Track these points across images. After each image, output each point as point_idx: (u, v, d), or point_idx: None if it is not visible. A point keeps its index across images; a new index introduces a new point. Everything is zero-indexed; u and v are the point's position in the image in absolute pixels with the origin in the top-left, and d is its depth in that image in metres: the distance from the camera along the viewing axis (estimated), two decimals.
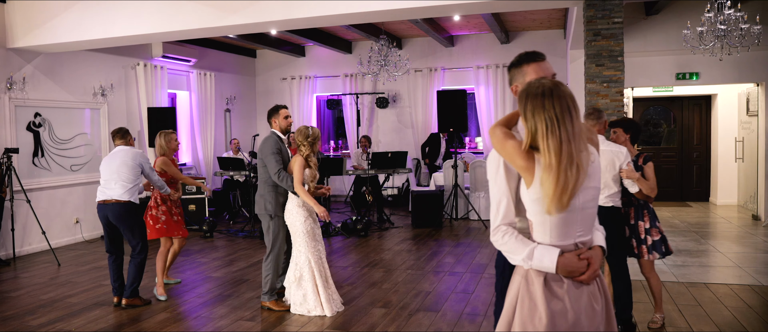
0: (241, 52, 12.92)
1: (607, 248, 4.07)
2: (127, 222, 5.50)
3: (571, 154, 2.05)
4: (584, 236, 2.23)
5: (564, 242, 2.19)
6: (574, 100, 2.12)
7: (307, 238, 5.11)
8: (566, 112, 2.06)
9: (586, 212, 2.20)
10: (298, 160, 5.09)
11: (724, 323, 4.84)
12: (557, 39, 11.67)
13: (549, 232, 2.17)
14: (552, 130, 2.05)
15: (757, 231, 8.75)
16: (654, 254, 4.60)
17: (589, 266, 2.17)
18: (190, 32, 7.36)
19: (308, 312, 5.15)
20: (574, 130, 2.06)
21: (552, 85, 2.11)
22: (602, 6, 5.90)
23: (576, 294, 2.17)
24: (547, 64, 2.38)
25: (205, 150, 11.73)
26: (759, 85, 9.59)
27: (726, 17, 6.91)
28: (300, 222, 5.11)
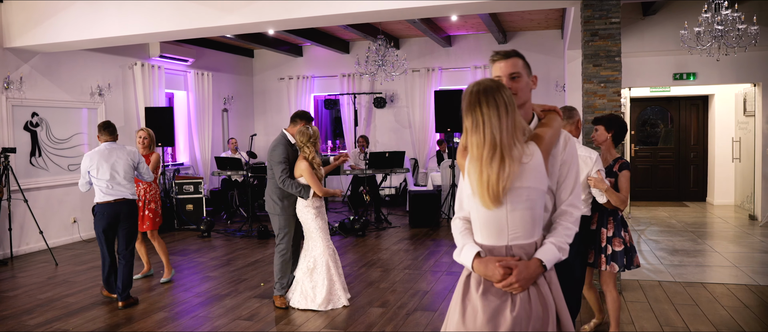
0: (238, 52, 12.91)
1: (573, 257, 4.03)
2: (135, 219, 5.79)
3: (494, 149, 2.06)
4: (522, 240, 2.17)
5: (493, 243, 2.18)
6: (510, 99, 2.12)
7: (321, 233, 5.32)
8: (494, 110, 2.08)
9: (518, 213, 2.13)
10: (304, 165, 5.21)
11: (720, 322, 4.85)
12: (555, 39, 11.68)
13: (479, 230, 2.22)
14: (476, 126, 2.10)
15: (753, 231, 8.77)
16: (613, 265, 4.15)
17: (508, 274, 2.11)
18: (188, 32, 7.36)
19: (323, 308, 5.26)
20: (501, 128, 2.07)
21: (488, 84, 2.13)
22: (600, 6, 5.91)
23: (495, 299, 2.15)
24: (505, 63, 2.36)
25: (202, 149, 11.72)
26: (756, 86, 9.61)
27: (723, 18, 6.93)
28: (311, 219, 5.30)
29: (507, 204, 2.12)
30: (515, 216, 2.14)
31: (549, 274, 2.23)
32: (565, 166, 2.33)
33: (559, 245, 2.22)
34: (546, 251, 2.19)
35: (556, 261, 2.20)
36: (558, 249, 2.21)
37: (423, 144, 12.43)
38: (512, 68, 2.35)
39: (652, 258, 7.10)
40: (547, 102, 11.30)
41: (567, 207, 2.31)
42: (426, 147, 12.44)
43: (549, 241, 2.21)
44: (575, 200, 2.33)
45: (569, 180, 2.33)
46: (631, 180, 4.23)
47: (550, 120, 2.35)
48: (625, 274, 6.25)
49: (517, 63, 2.36)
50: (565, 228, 2.27)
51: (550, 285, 2.23)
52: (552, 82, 11.55)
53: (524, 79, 2.37)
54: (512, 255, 2.17)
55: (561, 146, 2.33)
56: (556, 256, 2.20)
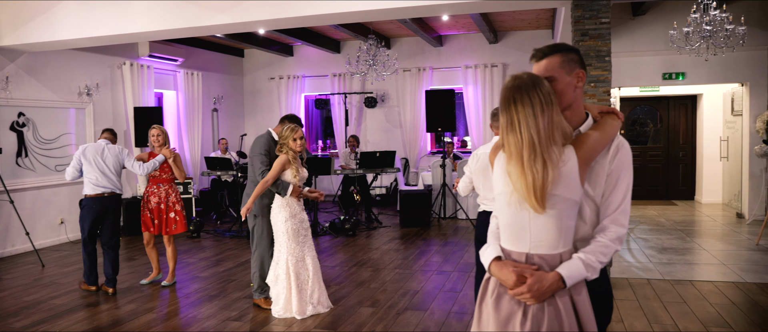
0: (228, 52, 12.86)
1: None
2: (120, 214, 6.13)
3: (534, 150, 1.96)
4: (544, 250, 2.03)
5: (514, 248, 2.08)
6: (547, 96, 1.99)
7: (286, 239, 5.05)
8: (529, 108, 1.97)
9: (541, 221, 2.01)
10: (280, 158, 5.01)
11: (708, 320, 4.88)
12: (545, 39, 11.71)
13: (502, 233, 2.13)
14: (512, 125, 2.00)
15: (741, 229, 8.83)
16: None
17: (522, 283, 2.00)
18: (177, 31, 7.32)
19: (278, 315, 5.10)
20: (538, 127, 1.96)
21: (524, 80, 2.02)
22: (590, 6, 5.93)
23: (507, 307, 2.06)
24: (538, 65, 2.17)
25: (192, 150, 11.66)
26: (743, 85, 9.69)
27: (711, 18, 6.97)
28: (281, 222, 5.06)
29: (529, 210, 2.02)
30: (538, 223, 2.02)
31: (578, 294, 2.04)
32: (612, 177, 2.09)
33: (588, 262, 2.01)
34: (570, 266, 2.00)
35: (580, 278, 2.01)
36: (585, 267, 2.00)
37: (414, 144, 12.43)
38: (544, 71, 2.13)
39: (641, 256, 7.13)
40: None
41: (609, 222, 2.07)
42: (417, 146, 12.44)
43: (577, 256, 2.02)
44: (620, 216, 2.08)
45: (617, 194, 2.09)
46: None
47: (602, 124, 2.13)
48: (614, 272, 6.27)
49: (551, 63, 2.13)
50: (601, 246, 2.04)
51: (577, 306, 2.04)
52: None
53: (562, 80, 2.12)
54: (532, 264, 2.04)
55: (610, 155, 2.10)
56: (581, 274, 2.00)
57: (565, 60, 2.13)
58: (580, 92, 2.17)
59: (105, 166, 5.96)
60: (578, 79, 2.14)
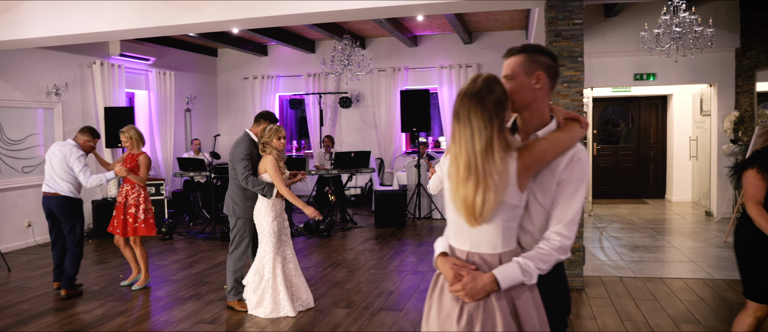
0: (201, 51, 12.72)
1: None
2: (70, 217, 5.89)
3: (468, 170, 1.98)
4: (483, 249, 2.07)
5: (457, 245, 2.13)
6: (494, 109, 1.99)
7: (273, 239, 5.07)
8: (467, 128, 2.00)
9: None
10: (270, 160, 5.01)
11: (678, 316, 4.96)
12: (520, 40, 11.80)
13: (448, 229, 2.19)
14: (454, 138, 2.05)
15: (709, 226, 9.00)
16: None
17: (459, 281, 2.03)
18: (149, 31, 7.20)
19: (260, 314, 5.10)
20: (475, 148, 1.97)
21: (477, 88, 2.02)
22: (563, 7, 5.98)
23: (448, 304, 2.10)
24: (505, 64, 2.20)
25: (164, 150, 11.50)
26: (712, 86, 9.87)
27: (681, 20, 7.08)
28: (267, 223, 5.06)
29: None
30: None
31: (519, 297, 2.06)
32: (564, 186, 2.08)
33: (525, 268, 2.02)
34: (505, 269, 2.02)
35: (515, 282, 2.02)
36: (522, 272, 2.02)
37: (389, 144, 12.43)
38: (506, 69, 2.16)
39: (613, 254, 7.22)
40: None
41: (555, 232, 2.07)
42: (392, 147, 12.44)
43: (516, 260, 2.04)
44: (567, 228, 2.07)
45: (567, 205, 2.08)
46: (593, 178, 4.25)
47: (561, 131, 2.13)
48: (587, 270, 6.34)
49: (514, 62, 2.15)
50: (543, 253, 2.05)
51: (518, 309, 2.05)
52: None
53: (519, 79, 2.13)
54: (472, 263, 2.08)
55: (564, 164, 2.09)
56: (517, 278, 2.02)
57: (528, 60, 2.13)
58: (542, 95, 2.15)
59: (51, 166, 5.87)
60: (537, 80, 2.12)
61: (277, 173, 5.00)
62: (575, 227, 2.09)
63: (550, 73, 2.15)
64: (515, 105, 2.13)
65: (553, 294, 2.20)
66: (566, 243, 2.07)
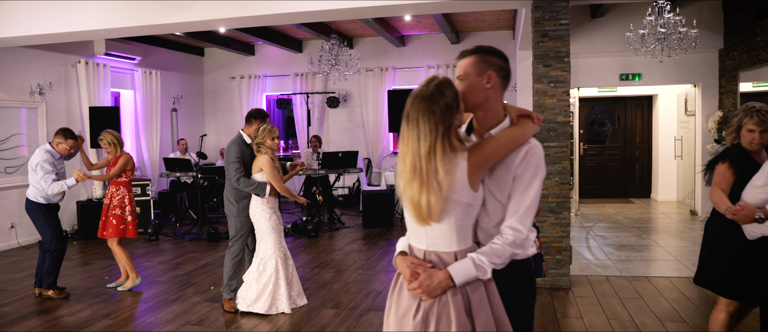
0: (188, 51, 12.64)
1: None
2: (33, 219, 5.90)
3: (413, 171, 2.02)
4: (440, 248, 2.10)
5: (415, 244, 2.17)
6: (442, 114, 2.02)
7: (274, 235, 5.16)
8: (415, 131, 2.03)
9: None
10: (265, 159, 5.05)
11: (663, 314, 5.00)
12: (507, 40, 11.84)
13: (407, 228, 2.21)
14: (402, 139, 2.08)
15: (694, 225, 9.08)
16: None
17: (416, 278, 2.07)
18: (135, 29, 7.15)
19: (257, 310, 5.12)
20: (420, 151, 2.00)
21: (428, 92, 2.07)
22: (549, 8, 6.01)
23: (406, 301, 2.12)
24: (457, 66, 2.26)
25: (150, 150, 11.42)
26: (696, 86, 9.96)
27: (666, 21, 7.14)
28: (265, 220, 5.14)
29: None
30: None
31: (474, 292, 2.07)
32: (516, 180, 2.11)
33: (479, 263, 2.05)
34: (459, 265, 2.05)
35: (470, 278, 2.04)
36: (475, 267, 2.04)
37: (376, 144, 12.43)
38: (459, 70, 2.22)
39: (600, 253, 7.27)
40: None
41: (509, 226, 2.10)
42: (379, 147, 12.44)
43: (470, 256, 2.06)
44: (520, 222, 2.09)
45: (521, 198, 2.10)
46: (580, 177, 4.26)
47: (513, 127, 2.16)
48: (574, 269, 6.38)
49: (466, 63, 2.21)
50: (496, 248, 2.07)
51: (474, 307, 2.06)
52: None
53: (471, 79, 2.18)
54: (429, 261, 2.10)
55: (518, 159, 2.12)
56: (471, 274, 2.04)
57: (479, 61, 2.19)
58: (493, 94, 2.19)
59: (29, 167, 5.86)
60: (488, 80, 2.17)
61: (273, 172, 5.04)
62: (529, 220, 2.11)
63: (500, 72, 2.20)
64: (468, 104, 2.17)
65: (508, 293, 2.19)
66: (519, 237, 2.09)
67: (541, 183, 2.14)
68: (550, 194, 5.97)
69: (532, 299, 2.33)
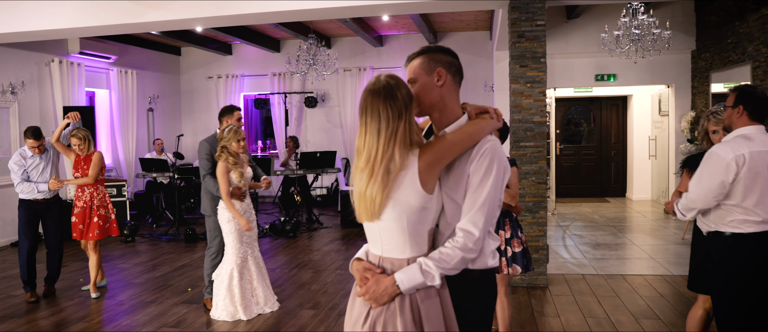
0: (164, 50, 12.51)
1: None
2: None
3: (367, 163, 1.96)
4: (394, 254, 2.02)
5: (372, 250, 2.10)
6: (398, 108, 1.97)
7: (231, 239, 5.04)
8: (375, 123, 1.97)
9: (385, 225, 2.00)
10: (220, 166, 4.97)
11: (638, 312, 5.08)
12: (484, 40, 11.93)
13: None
14: (360, 134, 2.02)
15: (668, 224, 9.23)
16: (515, 267, 4.05)
17: (364, 283, 2.02)
18: (110, 28, 7.06)
19: (218, 316, 5.03)
20: (378, 144, 1.95)
21: (381, 85, 2.01)
22: (526, 9, 6.07)
23: (359, 307, 2.07)
24: (407, 70, 2.19)
25: (126, 151, 11.29)
26: (669, 87, 10.13)
27: (640, 22, 7.25)
28: (225, 222, 5.05)
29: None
30: (382, 227, 2.01)
31: (424, 300, 1.98)
32: (470, 179, 2.00)
33: (426, 268, 1.95)
34: (406, 271, 1.96)
35: (416, 284, 1.95)
36: (421, 273, 1.94)
37: (354, 144, 12.40)
38: (408, 74, 2.14)
39: (576, 252, 7.36)
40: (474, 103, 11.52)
41: (460, 229, 1.98)
42: None
43: (419, 260, 1.97)
44: (472, 223, 1.96)
45: (473, 198, 1.98)
46: (557, 177, 4.34)
47: (468, 125, 2.07)
48: (551, 268, 6.45)
49: (414, 66, 2.14)
50: (445, 253, 1.96)
51: (423, 316, 1.97)
52: (481, 82, 11.78)
53: (421, 80, 2.10)
54: (383, 268, 2.03)
55: (472, 157, 2.01)
56: (417, 280, 1.94)
57: (427, 60, 2.12)
58: (447, 92, 2.11)
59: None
60: (439, 77, 2.09)
61: (223, 177, 4.93)
62: (483, 221, 1.97)
63: (450, 69, 2.12)
64: (423, 106, 2.10)
65: (461, 303, 2.08)
66: (471, 239, 1.96)
67: (497, 182, 2.00)
68: (527, 194, 6.02)
69: (489, 312, 2.20)
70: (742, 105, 3.12)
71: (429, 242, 2.04)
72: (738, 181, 3.04)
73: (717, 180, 3.05)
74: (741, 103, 3.13)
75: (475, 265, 2.06)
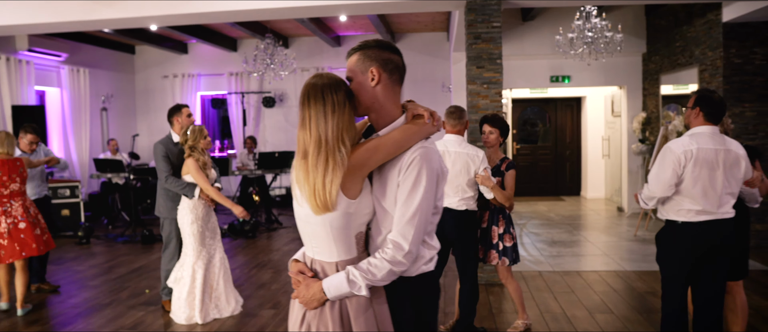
0: (118, 48, 12.24)
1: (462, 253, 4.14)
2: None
3: (319, 148, 1.90)
4: (322, 257, 2.00)
5: (306, 251, 2.09)
6: (342, 100, 1.94)
7: (193, 241, 4.95)
8: (321, 108, 1.93)
9: (311, 228, 1.99)
10: (191, 162, 4.91)
11: (593, 306, 5.23)
12: (442, 41, 12.04)
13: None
14: (303, 123, 1.96)
15: (621, 221, 9.51)
16: (504, 260, 4.43)
17: (296, 286, 2.02)
18: (61, 25, 6.90)
19: (177, 318, 4.97)
20: (327, 127, 1.90)
21: (324, 80, 1.98)
22: (482, 10, 6.17)
23: (295, 306, 2.07)
24: (347, 63, 2.11)
25: (79, 150, 11.00)
26: (621, 88, 10.42)
27: (593, 25, 7.44)
28: (187, 224, 4.95)
29: (298, 213, 2.01)
30: (310, 230, 2.00)
31: (355, 312, 1.95)
32: (400, 189, 1.92)
33: (352, 279, 1.91)
34: (333, 278, 1.94)
35: (342, 292, 1.92)
36: (347, 282, 1.91)
37: None
38: (347, 72, 2.06)
39: (533, 250, 7.51)
40: (433, 104, 11.66)
41: (389, 239, 1.93)
42: None
43: (347, 269, 1.93)
44: (400, 236, 1.91)
45: (403, 209, 1.91)
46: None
47: (397, 130, 1.98)
48: None
49: (350, 63, 2.05)
50: (373, 264, 1.92)
51: (353, 326, 1.95)
52: (438, 82, 11.90)
53: (357, 79, 2.02)
54: (313, 271, 2.02)
55: (402, 164, 1.93)
56: (343, 288, 1.91)
57: (362, 57, 2.02)
58: (383, 91, 2.01)
59: None
60: (373, 76, 2.00)
61: (200, 173, 4.89)
62: (413, 233, 1.90)
63: (387, 67, 2.01)
64: (360, 107, 2.02)
65: (397, 308, 2.05)
66: (400, 253, 1.90)
67: (428, 192, 1.92)
68: None
69: (430, 316, 2.13)
70: (699, 107, 3.40)
71: (358, 245, 2.00)
72: (686, 174, 3.32)
73: (669, 171, 3.35)
74: (699, 105, 3.40)
75: (409, 273, 2.01)
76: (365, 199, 1.96)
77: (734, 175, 3.35)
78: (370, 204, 1.98)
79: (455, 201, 4.24)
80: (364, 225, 2.00)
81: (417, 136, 1.96)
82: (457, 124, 4.26)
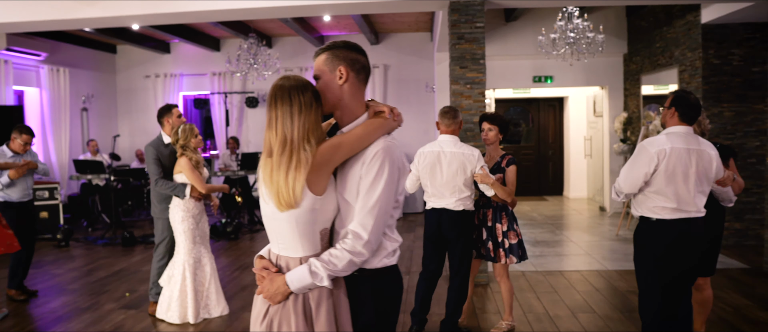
0: (99, 47, 12.09)
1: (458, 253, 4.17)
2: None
3: (284, 146, 1.95)
4: (287, 252, 2.04)
5: (272, 247, 2.12)
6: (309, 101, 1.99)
7: (184, 239, 4.97)
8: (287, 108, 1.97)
9: (276, 224, 2.02)
10: (184, 161, 4.90)
11: (575, 305, 5.26)
12: (425, 41, 12.05)
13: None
14: (270, 123, 2.01)
15: (603, 221, 9.58)
16: (511, 258, 4.48)
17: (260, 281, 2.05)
18: (40, 24, 6.80)
19: (169, 319, 4.95)
20: (293, 127, 1.95)
21: (291, 82, 2.02)
22: (465, 11, 6.18)
23: (258, 302, 2.11)
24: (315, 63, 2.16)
25: (59, 151, 10.86)
26: (603, 89, 10.51)
27: (575, 26, 7.49)
28: (178, 222, 4.97)
29: (265, 211, 2.04)
30: (276, 226, 2.03)
31: (317, 305, 1.99)
32: (362, 182, 1.98)
33: (314, 270, 1.95)
34: (295, 271, 1.98)
35: (305, 285, 1.96)
36: (310, 273, 1.95)
37: None
38: (314, 71, 2.12)
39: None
40: (417, 104, 11.67)
41: (349, 230, 1.98)
42: None
43: (309, 261, 1.98)
44: (360, 226, 1.96)
45: (363, 201, 1.97)
46: None
47: (361, 126, 2.05)
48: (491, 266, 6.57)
49: (318, 62, 2.11)
50: (334, 255, 1.96)
51: (315, 319, 1.99)
52: (422, 83, 11.91)
53: (324, 78, 2.08)
54: (278, 267, 2.06)
55: (364, 159, 2.00)
56: (306, 281, 1.95)
57: (330, 57, 2.08)
58: (349, 90, 2.09)
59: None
60: (340, 75, 2.06)
61: (194, 172, 4.90)
62: (373, 223, 1.97)
63: (354, 66, 2.09)
64: (327, 105, 2.08)
65: (358, 302, 2.09)
66: (358, 243, 1.96)
67: (390, 185, 1.99)
68: None
69: (390, 310, 2.17)
70: (675, 107, 3.45)
71: (322, 241, 2.05)
72: (659, 172, 3.37)
73: (641, 170, 3.41)
74: (675, 105, 3.45)
75: (371, 265, 2.07)
76: (331, 196, 2.02)
77: (706, 175, 3.42)
78: (335, 200, 2.04)
79: (452, 202, 4.27)
80: (330, 222, 2.05)
81: (379, 131, 2.04)
82: (452, 124, 4.31)
